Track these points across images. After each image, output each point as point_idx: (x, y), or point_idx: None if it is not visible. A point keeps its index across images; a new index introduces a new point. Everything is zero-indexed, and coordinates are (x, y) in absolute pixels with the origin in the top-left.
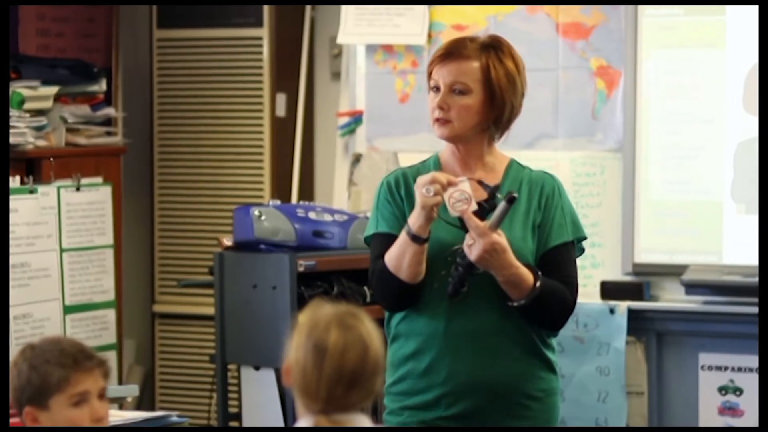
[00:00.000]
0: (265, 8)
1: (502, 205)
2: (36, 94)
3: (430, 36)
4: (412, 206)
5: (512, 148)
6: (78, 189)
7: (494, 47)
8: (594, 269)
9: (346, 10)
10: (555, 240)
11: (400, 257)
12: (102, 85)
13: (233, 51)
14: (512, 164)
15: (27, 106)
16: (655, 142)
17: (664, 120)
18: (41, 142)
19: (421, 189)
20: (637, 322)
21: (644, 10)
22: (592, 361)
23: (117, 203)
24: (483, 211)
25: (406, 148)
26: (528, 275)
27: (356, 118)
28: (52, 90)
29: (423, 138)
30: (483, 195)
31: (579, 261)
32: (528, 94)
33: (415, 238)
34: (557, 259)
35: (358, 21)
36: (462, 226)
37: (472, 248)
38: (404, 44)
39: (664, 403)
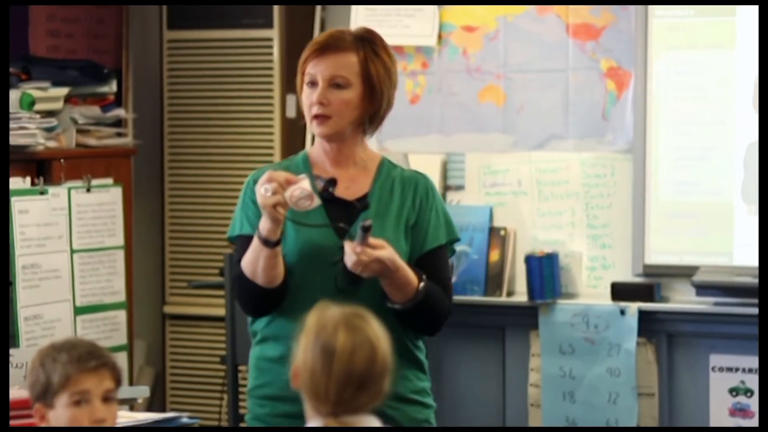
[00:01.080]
0: (275, 9)
1: (359, 235)
2: (46, 95)
3: (440, 37)
4: None
5: (522, 150)
6: (88, 190)
7: (369, 41)
8: (604, 270)
9: (356, 10)
10: (431, 243)
11: (254, 262)
12: (112, 86)
13: (243, 52)
14: (384, 162)
15: (37, 107)
16: (665, 143)
17: (674, 121)
18: (51, 143)
19: (260, 189)
20: (647, 324)
21: (654, 10)
22: (603, 363)
23: (127, 204)
24: (355, 211)
25: (416, 149)
26: (413, 278)
27: None
28: (63, 91)
29: (433, 139)
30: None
31: (588, 262)
32: (538, 95)
33: (265, 242)
34: (434, 263)
35: (368, 22)
36: (331, 224)
37: (361, 272)
38: (414, 45)
39: (675, 404)
